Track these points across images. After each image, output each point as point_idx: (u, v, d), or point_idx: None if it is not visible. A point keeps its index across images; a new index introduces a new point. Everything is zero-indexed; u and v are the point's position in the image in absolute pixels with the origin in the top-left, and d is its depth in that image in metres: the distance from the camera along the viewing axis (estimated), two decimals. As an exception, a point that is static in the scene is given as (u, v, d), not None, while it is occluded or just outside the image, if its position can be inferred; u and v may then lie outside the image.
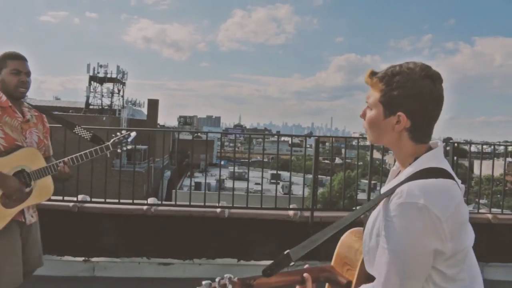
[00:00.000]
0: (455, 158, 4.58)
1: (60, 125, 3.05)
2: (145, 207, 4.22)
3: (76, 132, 2.77)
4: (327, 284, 1.50)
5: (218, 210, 4.28)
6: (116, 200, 4.31)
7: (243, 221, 4.31)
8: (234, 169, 7.06)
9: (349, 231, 1.52)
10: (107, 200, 4.29)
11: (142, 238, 4.23)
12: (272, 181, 21.45)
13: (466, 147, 6.13)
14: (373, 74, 1.30)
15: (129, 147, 2.74)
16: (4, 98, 2.52)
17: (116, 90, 43.52)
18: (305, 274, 1.39)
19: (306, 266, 1.44)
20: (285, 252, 1.26)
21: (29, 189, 2.54)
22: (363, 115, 1.33)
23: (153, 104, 39.46)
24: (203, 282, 1.28)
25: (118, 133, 2.77)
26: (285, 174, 26.72)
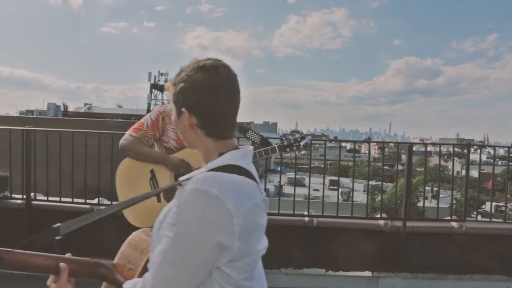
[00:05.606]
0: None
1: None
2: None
3: (248, 136, 2.87)
4: (104, 283, 1.36)
5: (307, 219, 4.26)
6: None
7: (331, 230, 4.24)
8: (324, 176, 6.92)
9: (140, 230, 1.46)
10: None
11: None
12: (331, 187, 21.23)
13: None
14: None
15: (302, 152, 2.76)
16: None
17: (176, 97, 44.91)
18: (61, 264, 1.20)
19: (68, 254, 1.26)
20: (55, 226, 1.20)
21: None
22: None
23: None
24: None
25: (289, 136, 2.82)
26: (344, 180, 26.38)
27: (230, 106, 1.21)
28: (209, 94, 1.18)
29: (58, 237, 1.19)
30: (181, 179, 1.18)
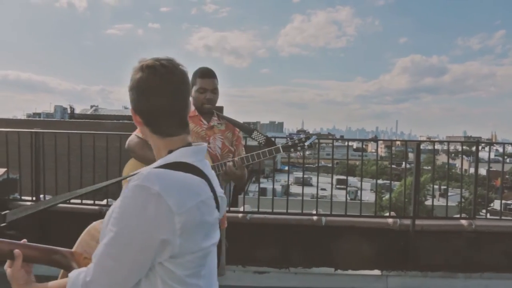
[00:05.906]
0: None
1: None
2: (240, 215, 4.26)
3: (253, 137, 2.91)
4: (61, 271, 1.38)
5: (315, 218, 4.25)
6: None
7: (340, 229, 4.23)
8: (332, 175, 6.96)
9: (101, 220, 1.44)
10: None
11: (237, 246, 3.85)
12: (338, 186, 21.19)
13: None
14: None
15: (307, 152, 2.80)
16: (192, 108, 2.81)
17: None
18: (15, 251, 1.23)
19: (24, 240, 1.28)
20: (2, 213, 1.26)
21: None
22: None
23: (217, 111, 40.24)
24: None
25: (294, 137, 2.85)
26: (351, 179, 26.37)
27: (170, 104, 1.22)
28: (145, 93, 1.21)
29: (2, 224, 1.23)
30: (129, 175, 1.20)
